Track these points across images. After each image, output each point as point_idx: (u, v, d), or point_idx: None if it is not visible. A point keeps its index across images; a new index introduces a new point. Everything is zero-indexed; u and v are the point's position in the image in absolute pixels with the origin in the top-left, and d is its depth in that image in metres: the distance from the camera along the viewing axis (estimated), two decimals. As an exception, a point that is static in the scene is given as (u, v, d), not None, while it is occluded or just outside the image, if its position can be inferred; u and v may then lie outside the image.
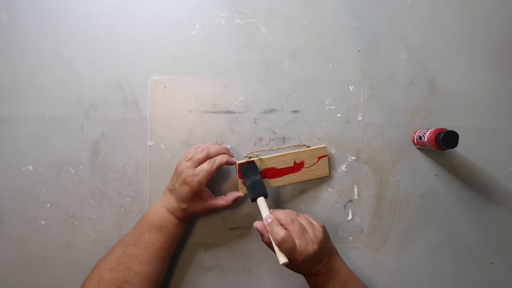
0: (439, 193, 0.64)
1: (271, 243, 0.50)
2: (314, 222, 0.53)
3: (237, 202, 0.62)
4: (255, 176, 0.58)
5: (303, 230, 0.50)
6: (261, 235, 0.52)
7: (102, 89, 0.63)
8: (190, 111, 0.64)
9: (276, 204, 0.64)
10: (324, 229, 0.53)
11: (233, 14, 0.63)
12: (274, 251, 0.50)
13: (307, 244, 0.49)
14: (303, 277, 0.64)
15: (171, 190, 0.58)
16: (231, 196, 0.59)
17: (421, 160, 0.64)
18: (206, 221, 0.64)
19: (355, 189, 0.64)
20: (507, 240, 0.64)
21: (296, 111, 0.64)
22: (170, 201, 0.58)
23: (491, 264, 0.64)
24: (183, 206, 0.57)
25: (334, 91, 0.64)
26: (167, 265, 0.60)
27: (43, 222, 0.64)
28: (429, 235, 0.64)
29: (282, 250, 0.49)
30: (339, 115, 0.64)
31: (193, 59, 0.64)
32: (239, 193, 0.60)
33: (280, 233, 0.49)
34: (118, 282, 0.54)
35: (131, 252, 0.56)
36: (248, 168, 0.59)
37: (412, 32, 0.64)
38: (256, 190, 0.56)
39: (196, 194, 0.56)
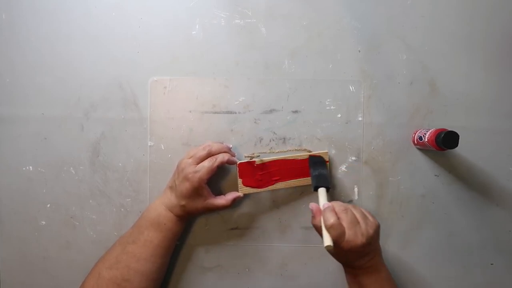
0: (439, 194, 0.64)
1: (320, 226, 0.51)
2: (370, 218, 0.53)
3: (237, 202, 0.62)
4: (322, 170, 0.59)
5: (355, 221, 0.51)
6: (313, 217, 0.53)
7: (102, 89, 0.63)
8: (190, 112, 0.64)
9: (276, 204, 0.64)
10: (378, 227, 0.53)
11: (233, 14, 0.63)
12: (321, 235, 0.51)
13: (356, 236, 0.50)
14: (303, 277, 0.64)
15: (171, 187, 0.59)
16: (231, 196, 0.60)
17: (421, 161, 0.64)
18: (206, 221, 0.64)
19: (356, 189, 0.64)
20: (507, 240, 0.64)
21: (296, 112, 0.64)
22: (170, 198, 0.58)
23: (491, 264, 0.64)
24: (183, 202, 0.57)
25: (334, 91, 0.64)
26: (167, 263, 0.60)
27: (43, 222, 0.64)
28: (429, 236, 0.64)
29: (330, 235, 0.49)
30: (339, 115, 0.64)
31: (193, 59, 0.64)
32: (239, 194, 0.60)
33: (331, 219, 0.50)
34: (117, 281, 0.54)
35: (129, 250, 0.56)
36: (317, 162, 0.60)
37: (412, 32, 0.64)
38: (321, 180, 0.57)
39: (196, 191, 0.56)
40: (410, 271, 0.64)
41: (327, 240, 0.49)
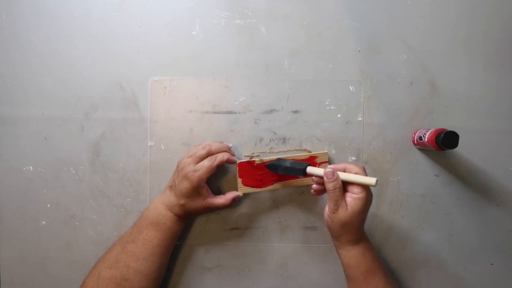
0: (439, 194, 0.64)
1: (340, 187, 0.52)
2: None
3: (236, 201, 0.62)
4: (285, 162, 0.59)
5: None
6: (330, 180, 0.53)
7: (102, 89, 0.63)
8: (191, 112, 0.64)
9: (276, 204, 0.64)
10: None
11: (233, 15, 0.63)
12: (335, 202, 0.52)
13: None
14: (302, 277, 0.64)
15: (171, 187, 0.59)
16: (230, 195, 0.60)
17: (421, 161, 0.64)
18: (206, 221, 0.64)
19: (355, 189, 0.64)
20: (507, 240, 0.64)
21: (296, 112, 0.64)
22: (170, 198, 0.58)
23: (491, 264, 0.64)
24: (182, 201, 0.57)
25: (334, 91, 0.64)
26: (167, 263, 0.60)
27: (44, 223, 0.64)
28: (429, 236, 0.64)
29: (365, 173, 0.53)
30: (339, 115, 0.64)
31: (193, 59, 0.64)
32: (238, 193, 0.60)
33: (357, 165, 0.54)
34: (117, 280, 0.54)
35: (129, 250, 0.56)
36: (275, 163, 0.59)
37: (412, 32, 0.64)
38: (297, 164, 0.57)
39: (195, 190, 0.56)
40: (410, 271, 0.64)
41: (371, 179, 0.51)
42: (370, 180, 0.51)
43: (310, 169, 0.55)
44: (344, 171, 0.54)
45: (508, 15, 0.64)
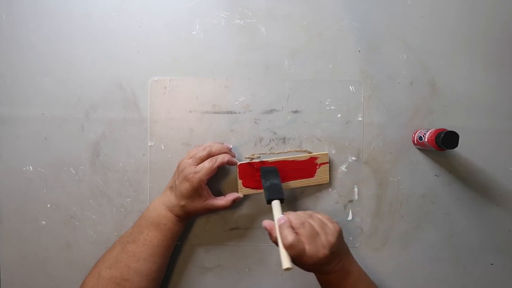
0: (439, 194, 0.64)
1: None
2: (330, 225, 0.50)
3: (236, 203, 0.62)
4: (274, 180, 0.57)
5: (314, 234, 0.48)
6: (269, 234, 0.50)
7: (102, 89, 0.63)
8: (191, 112, 0.64)
9: (276, 204, 0.64)
10: (339, 233, 0.51)
11: (233, 15, 0.63)
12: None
13: (317, 249, 0.47)
14: (302, 277, 0.64)
15: (171, 187, 0.59)
16: (231, 196, 0.60)
17: (421, 161, 0.64)
18: (207, 221, 0.64)
19: (355, 189, 0.64)
20: (507, 240, 0.64)
21: (296, 112, 0.64)
22: (170, 198, 0.58)
23: (491, 264, 0.64)
24: (182, 202, 0.57)
25: (334, 91, 0.64)
26: (167, 263, 0.60)
27: (44, 223, 0.64)
28: (429, 236, 0.64)
29: (290, 254, 0.47)
30: (339, 115, 0.64)
31: (193, 59, 0.64)
32: (239, 194, 0.60)
33: (289, 237, 0.46)
34: (117, 280, 0.54)
35: (129, 250, 0.56)
36: (269, 171, 0.58)
37: (412, 32, 0.64)
38: (273, 192, 0.54)
39: (196, 191, 0.56)
40: (410, 271, 0.64)
41: (286, 262, 0.46)
42: (283, 262, 0.46)
43: (273, 205, 0.52)
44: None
45: (508, 15, 0.64)
